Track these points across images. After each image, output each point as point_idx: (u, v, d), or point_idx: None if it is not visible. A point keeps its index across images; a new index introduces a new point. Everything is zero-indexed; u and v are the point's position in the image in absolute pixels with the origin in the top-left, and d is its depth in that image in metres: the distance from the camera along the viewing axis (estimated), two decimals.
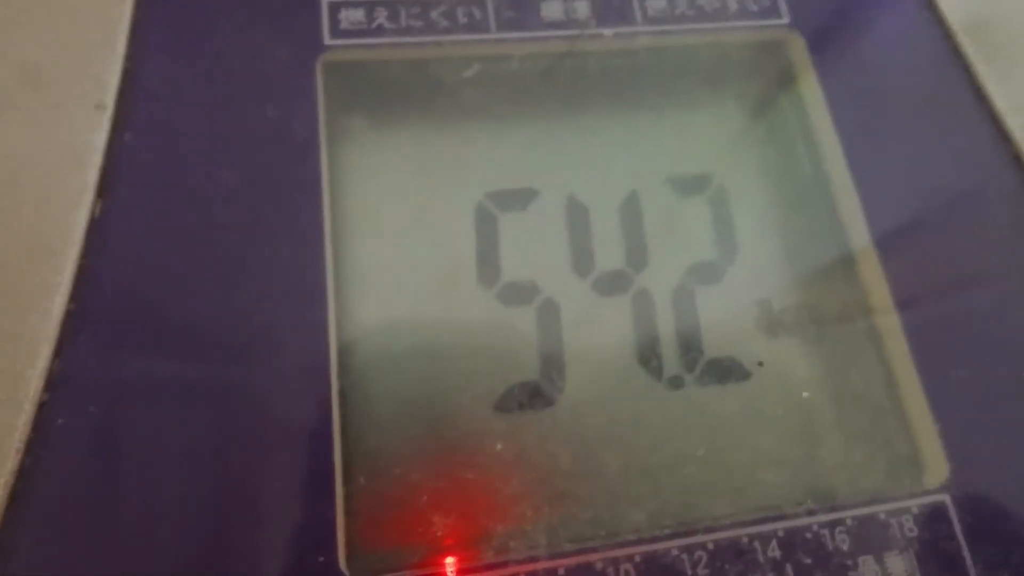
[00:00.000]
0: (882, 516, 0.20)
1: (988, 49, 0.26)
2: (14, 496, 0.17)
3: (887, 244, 0.23)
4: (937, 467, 0.21)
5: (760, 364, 0.22)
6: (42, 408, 0.18)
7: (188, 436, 0.18)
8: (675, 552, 0.19)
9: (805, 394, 0.22)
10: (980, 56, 0.26)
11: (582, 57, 0.25)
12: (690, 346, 0.23)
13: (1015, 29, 0.26)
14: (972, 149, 0.25)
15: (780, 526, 0.19)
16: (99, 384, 0.18)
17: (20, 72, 0.20)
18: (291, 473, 0.18)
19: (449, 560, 0.18)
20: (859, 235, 0.24)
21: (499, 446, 0.20)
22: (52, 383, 0.18)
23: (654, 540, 0.19)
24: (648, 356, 0.23)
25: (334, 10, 0.23)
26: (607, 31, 0.24)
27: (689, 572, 0.18)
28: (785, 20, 0.26)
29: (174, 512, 0.17)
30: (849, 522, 0.19)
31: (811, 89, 0.26)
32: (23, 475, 0.17)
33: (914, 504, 0.20)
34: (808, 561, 0.19)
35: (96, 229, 0.19)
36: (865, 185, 0.24)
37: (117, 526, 0.17)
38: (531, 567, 0.18)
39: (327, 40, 0.23)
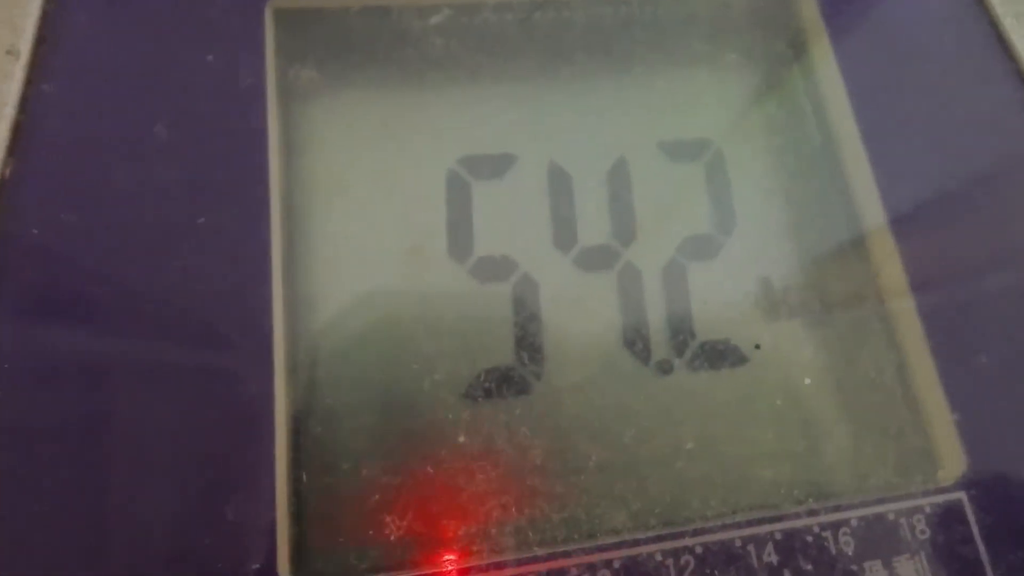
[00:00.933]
0: (891, 516, 0.18)
1: (1017, 1, 0.23)
2: None
3: (902, 218, 0.21)
4: (953, 462, 0.19)
5: (757, 347, 0.20)
6: None
7: (109, 421, 0.16)
8: (659, 557, 0.17)
9: (807, 381, 0.20)
10: (1008, 9, 0.23)
11: (564, 6, 0.22)
12: (681, 327, 0.21)
13: None
14: (998, 113, 0.22)
15: (777, 527, 0.17)
16: (10, 368, 0.16)
17: None
18: (225, 467, 0.16)
19: (404, 566, 0.16)
20: (871, 208, 0.22)
21: (462, 438, 0.18)
22: None
23: (636, 543, 0.17)
24: (634, 338, 0.21)
25: None
26: None
27: None
28: None
29: (91, 507, 0.15)
30: (854, 523, 0.17)
31: (821, 45, 0.23)
32: None
33: (927, 503, 0.18)
34: (808, 567, 0.17)
35: (6, 192, 0.17)
36: (878, 152, 0.22)
37: (28, 520, 0.15)
38: (497, 574, 0.16)
39: None
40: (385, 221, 0.21)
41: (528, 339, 0.20)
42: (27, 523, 0.15)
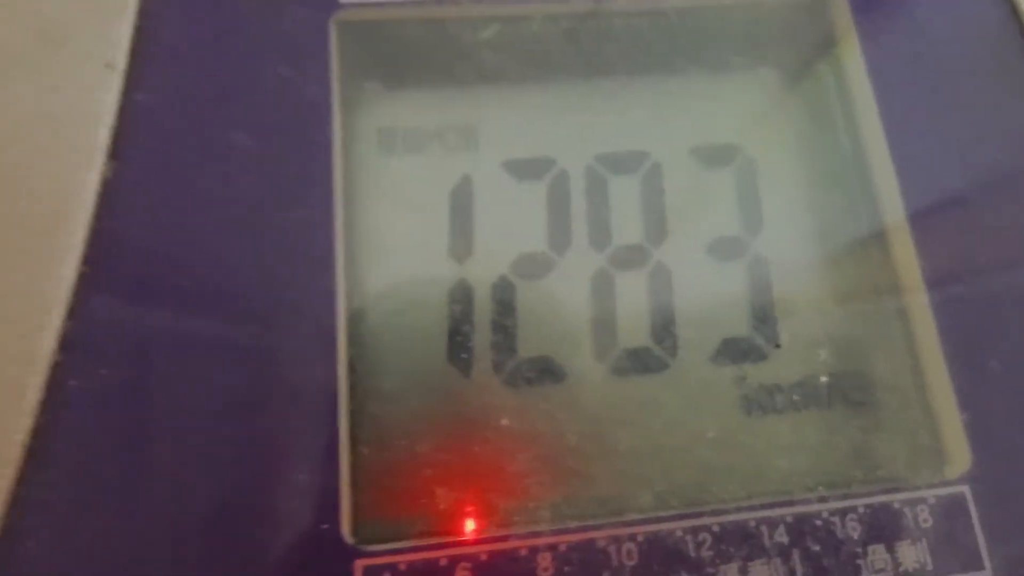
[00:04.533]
0: (896, 505, 0.19)
1: None
2: (30, 454, 0.17)
3: (922, 223, 0.22)
4: (959, 458, 0.20)
5: (778, 346, 0.22)
6: (55, 369, 0.18)
7: (197, 399, 0.18)
8: (679, 533, 0.18)
9: (824, 379, 0.21)
10: None
11: (607, 18, 0.24)
12: (707, 324, 0.23)
13: None
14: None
15: (789, 511, 0.19)
16: (111, 346, 0.18)
17: (33, 29, 0.20)
18: (296, 439, 0.18)
19: (450, 533, 0.18)
20: (893, 212, 0.23)
21: (505, 421, 0.20)
22: (65, 344, 0.18)
23: (659, 520, 0.18)
24: (663, 334, 0.22)
25: None
26: None
27: (692, 554, 0.18)
28: None
29: (182, 473, 0.18)
30: (861, 510, 0.19)
31: (852, 53, 0.24)
32: (38, 434, 0.17)
33: (931, 494, 0.19)
34: (816, 548, 0.18)
35: (108, 191, 0.19)
36: (903, 159, 0.23)
37: (128, 487, 0.17)
38: (533, 542, 0.18)
39: None
40: (437, 220, 0.22)
41: (564, 332, 0.22)
42: (101, 489, 0.17)
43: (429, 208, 0.23)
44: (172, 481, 0.18)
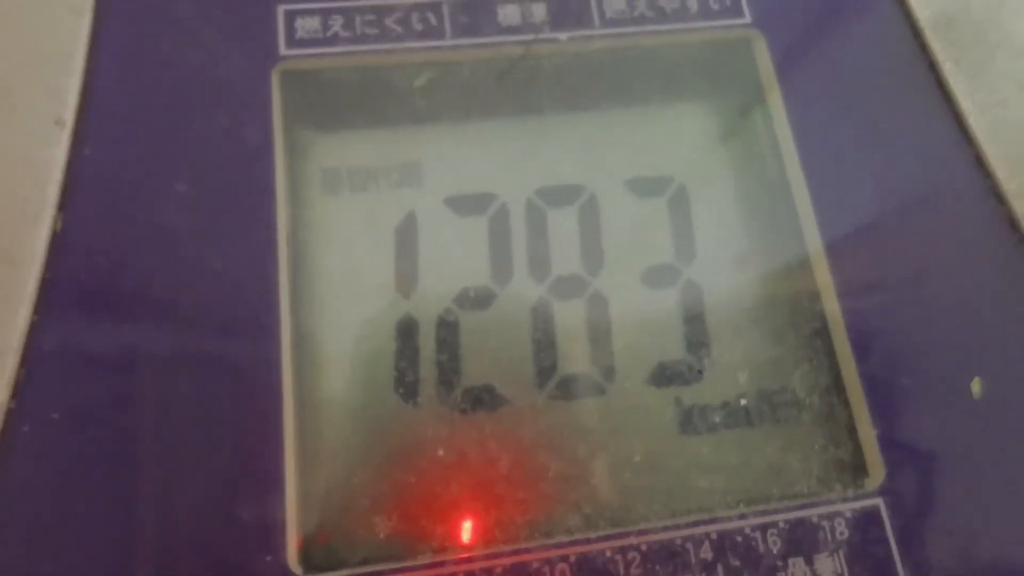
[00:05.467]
0: (814, 519, 0.20)
1: (956, 47, 0.25)
2: None
3: (837, 248, 0.23)
4: (873, 472, 0.21)
5: (700, 372, 0.23)
6: (9, 415, 0.19)
7: (145, 438, 0.19)
8: (609, 553, 0.19)
9: (752, 398, 0.22)
10: (947, 54, 0.25)
11: (537, 60, 0.25)
12: (643, 349, 0.24)
13: (985, 26, 0.26)
14: (932, 150, 0.25)
15: (713, 528, 0.20)
16: (62, 392, 0.19)
17: None
18: (243, 472, 0.19)
19: (394, 559, 0.19)
20: (811, 239, 0.24)
21: (450, 449, 0.21)
22: (18, 391, 0.19)
23: (589, 541, 0.19)
24: (600, 360, 0.24)
25: (290, 19, 0.24)
26: (562, 35, 0.24)
27: (622, 572, 0.19)
28: (747, 19, 0.26)
29: (129, 510, 0.19)
30: (781, 525, 0.20)
31: (772, 89, 0.26)
32: None
33: (847, 508, 0.20)
34: (737, 563, 0.20)
35: (58, 242, 0.20)
36: (818, 187, 0.24)
37: (75, 525, 0.18)
38: (468, 567, 0.19)
39: (283, 50, 0.23)
40: (379, 259, 0.23)
41: (505, 362, 0.23)
42: (47, 529, 0.18)
43: (375, 244, 0.24)
44: (120, 518, 0.18)
